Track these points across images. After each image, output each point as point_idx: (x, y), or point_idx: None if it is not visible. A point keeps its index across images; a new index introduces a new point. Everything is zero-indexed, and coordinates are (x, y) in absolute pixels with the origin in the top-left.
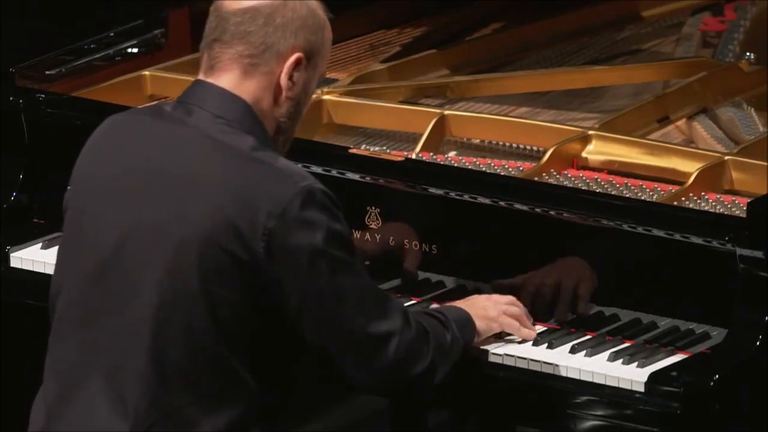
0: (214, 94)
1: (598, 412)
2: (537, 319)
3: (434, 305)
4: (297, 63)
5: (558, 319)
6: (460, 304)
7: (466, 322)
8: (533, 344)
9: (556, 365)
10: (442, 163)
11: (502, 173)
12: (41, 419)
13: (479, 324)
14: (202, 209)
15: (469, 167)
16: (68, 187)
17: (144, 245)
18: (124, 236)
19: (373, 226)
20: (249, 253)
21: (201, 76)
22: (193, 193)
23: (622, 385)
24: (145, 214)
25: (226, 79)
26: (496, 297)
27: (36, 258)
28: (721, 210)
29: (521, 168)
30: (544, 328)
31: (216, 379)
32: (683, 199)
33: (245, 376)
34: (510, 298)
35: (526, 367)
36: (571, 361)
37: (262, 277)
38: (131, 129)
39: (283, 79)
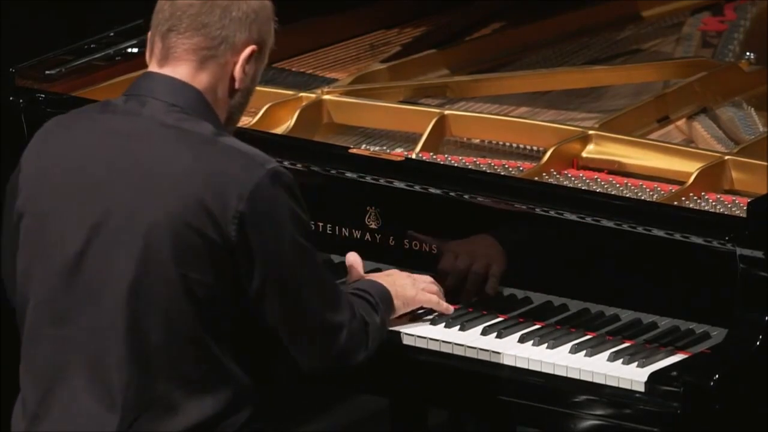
0: (165, 83)
1: (598, 412)
2: (536, 318)
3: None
4: (251, 55)
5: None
6: (380, 278)
7: (388, 300)
8: (533, 344)
9: (556, 365)
10: (442, 163)
11: (502, 173)
12: (22, 425)
13: (397, 302)
14: (172, 195)
15: (469, 167)
16: (18, 191)
17: (113, 237)
18: (92, 231)
19: (373, 226)
20: (221, 236)
21: (153, 67)
22: (162, 180)
23: (622, 385)
24: (111, 207)
25: (181, 70)
26: (414, 276)
27: None
28: (721, 210)
29: (521, 168)
30: (542, 327)
31: (198, 364)
32: (683, 199)
33: (227, 361)
34: (427, 278)
35: (526, 366)
36: (571, 361)
37: (234, 259)
38: (82, 126)
39: (238, 71)
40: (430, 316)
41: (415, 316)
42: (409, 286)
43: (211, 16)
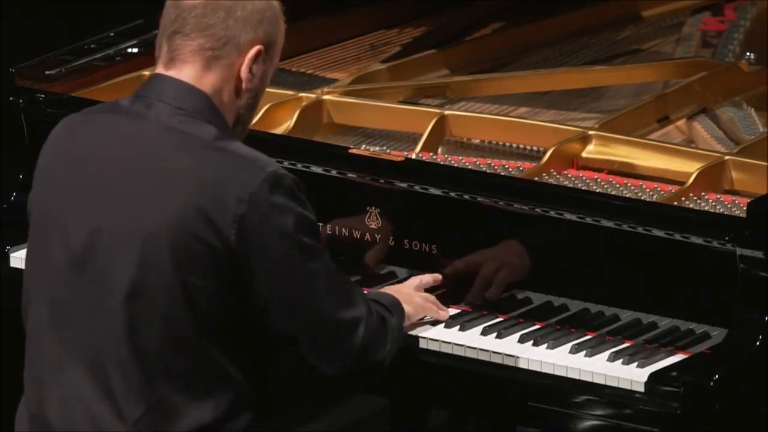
0: (172, 86)
1: (598, 412)
2: (536, 319)
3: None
4: (257, 56)
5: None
6: (388, 289)
7: (398, 307)
8: (533, 344)
9: (556, 365)
10: (442, 163)
11: (502, 173)
12: (25, 424)
13: (408, 308)
14: (171, 200)
15: (469, 167)
16: (31, 191)
17: (115, 241)
18: (94, 234)
19: (373, 226)
20: (221, 240)
21: (160, 69)
22: (162, 185)
23: (622, 385)
24: (114, 210)
25: (187, 72)
26: (411, 284)
27: None
28: (721, 210)
29: (521, 168)
30: (542, 327)
31: (198, 368)
32: (683, 199)
33: (227, 365)
34: (417, 282)
35: (526, 366)
36: (571, 361)
37: (235, 264)
38: (91, 127)
39: (244, 72)
40: (430, 317)
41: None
42: (414, 295)
43: (215, 16)
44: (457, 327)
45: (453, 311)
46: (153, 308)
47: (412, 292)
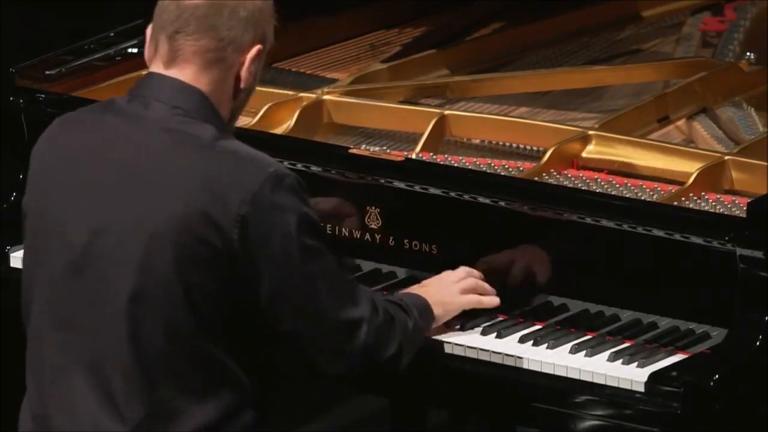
0: (169, 86)
1: (598, 412)
2: (536, 318)
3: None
4: (257, 55)
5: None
6: (416, 289)
7: (424, 308)
8: (533, 344)
9: (556, 365)
10: (442, 163)
11: (502, 173)
12: (29, 424)
13: (436, 310)
14: (172, 201)
15: (469, 167)
16: (25, 191)
17: (116, 241)
18: (95, 234)
19: (373, 226)
20: (223, 241)
21: (158, 68)
22: (162, 186)
23: (622, 385)
24: (114, 211)
25: (186, 72)
26: (448, 278)
27: None
28: (721, 210)
29: (521, 168)
30: (542, 327)
31: (200, 369)
32: (683, 199)
33: (230, 365)
34: (460, 273)
35: (526, 366)
36: (571, 361)
37: (237, 265)
38: (88, 127)
39: (244, 71)
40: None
41: None
42: (445, 292)
43: (219, 17)
44: (457, 327)
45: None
46: (155, 310)
47: (443, 290)
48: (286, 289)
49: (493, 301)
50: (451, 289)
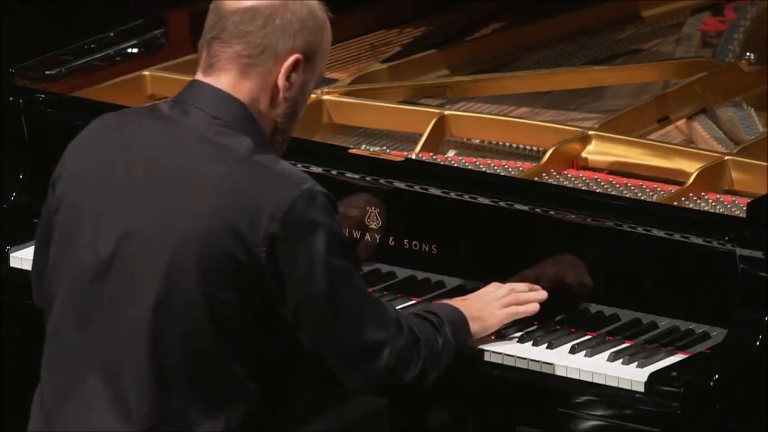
0: (210, 94)
1: (598, 412)
2: (536, 318)
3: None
4: (295, 64)
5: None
6: (457, 303)
7: (460, 324)
8: (533, 344)
9: (556, 365)
10: (442, 163)
11: (502, 173)
12: (39, 420)
13: (473, 326)
14: (202, 212)
15: (469, 167)
16: (57, 185)
17: (144, 247)
18: (124, 237)
19: (373, 226)
20: (250, 257)
21: (199, 76)
22: (193, 196)
23: (622, 385)
24: (145, 215)
25: (224, 79)
26: (489, 295)
27: None
28: (721, 210)
29: (521, 168)
30: (542, 327)
31: (215, 380)
32: (683, 199)
33: (244, 377)
34: (504, 290)
35: (525, 367)
36: (571, 361)
37: (263, 280)
38: (127, 128)
39: (281, 81)
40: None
41: None
42: (485, 309)
43: (253, 24)
44: None
45: None
46: (176, 319)
47: (482, 307)
48: (309, 308)
49: (529, 309)
50: (491, 306)
